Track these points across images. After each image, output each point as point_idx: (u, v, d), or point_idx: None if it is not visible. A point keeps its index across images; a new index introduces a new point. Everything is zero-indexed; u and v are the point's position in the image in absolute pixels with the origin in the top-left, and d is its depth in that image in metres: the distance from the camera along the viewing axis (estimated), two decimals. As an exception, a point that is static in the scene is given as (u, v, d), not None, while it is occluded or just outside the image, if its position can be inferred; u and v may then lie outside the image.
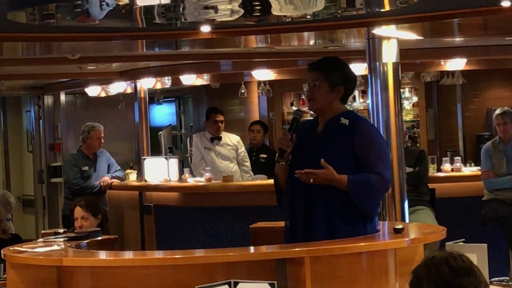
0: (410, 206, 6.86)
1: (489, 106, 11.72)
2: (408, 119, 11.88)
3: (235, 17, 5.78)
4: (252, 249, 4.75)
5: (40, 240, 5.20)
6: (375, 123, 6.61)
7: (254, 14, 5.87)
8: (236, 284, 3.75)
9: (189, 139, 9.53)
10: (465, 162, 9.54)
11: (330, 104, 4.73)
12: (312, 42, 8.18)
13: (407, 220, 6.66)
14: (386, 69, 6.62)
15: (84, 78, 11.03)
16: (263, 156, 9.60)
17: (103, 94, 11.68)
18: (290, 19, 6.19)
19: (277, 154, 4.73)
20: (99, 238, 5.35)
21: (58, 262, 4.49)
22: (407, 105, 12.07)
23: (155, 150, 10.52)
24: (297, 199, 4.70)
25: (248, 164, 9.55)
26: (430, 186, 8.05)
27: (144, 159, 9.67)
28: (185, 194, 9.13)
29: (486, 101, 11.98)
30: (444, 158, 8.98)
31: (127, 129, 11.92)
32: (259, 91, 11.19)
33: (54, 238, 5.17)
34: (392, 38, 6.66)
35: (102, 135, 9.60)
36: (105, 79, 10.98)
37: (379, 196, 4.85)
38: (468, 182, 8.49)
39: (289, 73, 10.35)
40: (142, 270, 4.36)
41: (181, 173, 9.39)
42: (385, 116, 6.59)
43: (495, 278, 7.46)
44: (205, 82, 11.20)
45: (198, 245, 8.64)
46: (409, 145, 8.64)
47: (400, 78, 6.78)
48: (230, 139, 9.53)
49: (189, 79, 10.63)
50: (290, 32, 7.07)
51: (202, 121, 11.29)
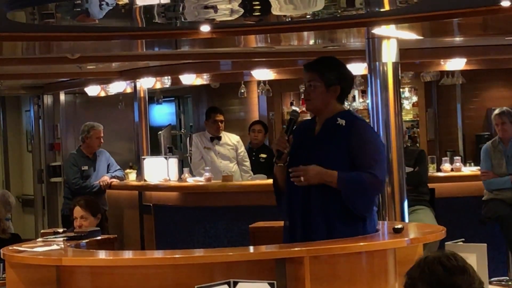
0: (409, 206, 6.86)
1: (489, 106, 11.71)
2: (407, 119, 11.87)
3: (235, 16, 5.78)
4: (251, 248, 4.75)
5: (39, 239, 5.21)
6: (375, 123, 6.61)
7: (254, 14, 5.86)
8: (235, 283, 3.74)
9: (188, 139, 9.53)
10: (464, 162, 9.54)
11: (327, 104, 4.71)
12: (312, 42, 8.18)
13: (407, 220, 6.66)
14: (385, 69, 6.62)
15: (83, 77, 11.01)
16: (263, 156, 9.59)
17: (103, 94, 11.67)
18: (290, 19, 6.19)
19: (275, 155, 4.74)
20: (99, 237, 5.35)
21: (58, 262, 4.49)
22: (407, 105, 12.06)
23: (155, 150, 10.51)
24: (295, 200, 4.70)
25: (247, 164, 9.54)
26: (430, 186, 8.05)
27: (143, 159, 9.66)
28: (184, 194, 9.13)
29: (486, 101, 11.98)
30: (443, 158, 8.98)
31: (127, 128, 11.92)
32: (259, 91, 11.17)
33: (53, 238, 5.17)
34: (392, 38, 6.66)
35: (102, 135, 9.60)
36: (104, 79, 10.97)
37: (371, 195, 4.69)
38: (467, 182, 8.49)
39: (289, 72, 10.34)
40: (142, 270, 4.35)
41: (180, 173, 9.39)
42: (384, 116, 6.59)
43: (495, 278, 7.44)
44: (204, 82, 11.18)
45: (198, 244, 8.64)
46: (408, 145, 8.64)
47: (399, 78, 6.78)
48: (230, 139, 9.53)
49: (188, 79, 10.62)
50: (290, 31, 7.06)
51: (202, 120, 11.29)
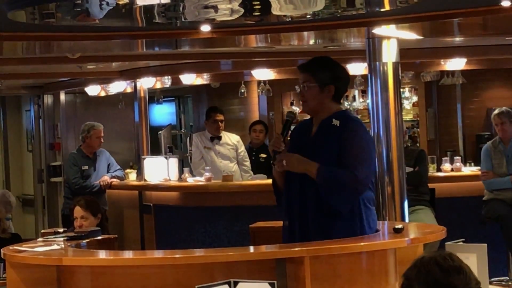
0: (410, 206, 6.86)
1: (489, 105, 11.72)
2: (408, 119, 11.87)
3: (235, 16, 5.77)
4: (252, 248, 4.76)
5: (40, 239, 5.21)
6: (375, 123, 6.61)
7: (254, 14, 5.86)
8: (236, 283, 3.74)
9: (189, 139, 9.52)
10: (465, 162, 9.54)
11: (322, 104, 4.70)
12: (312, 42, 8.18)
13: (407, 220, 6.66)
14: (386, 68, 6.62)
15: (84, 77, 11.02)
16: (263, 155, 9.57)
17: (103, 94, 11.67)
18: (290, 19, 6.18)
19: (271, 156, 4.74)
20: (99, 237, 5.35)
21: (58, 262, 4.49)
22: (407, 104, 12.06)
23: (155, 150, 10.51)
24: (293, 200, 4.71)
25: (248, 163, 9.55)
26: (430, 186, 8.05)
27: (144, 159, 9.66)
28: (185, 194, 9.13)
29: (486, 100, 11.98)
30: (444, 158, 8.98)
31: (127, 128, 11.93)
32: (259, 91, 11.17)
33: (54, 238, 5.17)
34: (392, 37, 6.66)
35: (102, 135, 9.59)
36: (105, 79, 10.97)
37: (347, 193, 4.59)
38: (468, 182, 8.49)
39: (289, 72, 10.33)
40: (142, 270, 4.35)
41: (181, 172, 9.39)
42: (385, 115, 6.59)
43: (495, 278, 7.45)
44: (205, 82, 11.18)
45: (198, 244, 8.64)
46: (409, 144, 8.63)
47: (400, 77, 6.78)
48: (230, 139, 9.53)
49: (189, 79, 10.62)
50: (290, 31, 7.06)
51: (202, 120, 11.28)
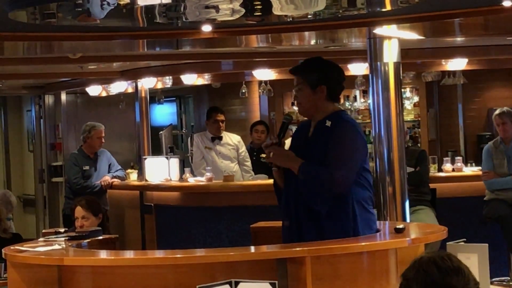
0: (411, 206, 6.86)
1: (490, 106, 11.71)
2: (409, 119, 11.87)
3: (236, 16, 5.77)
4: (253, 248, 4.76)
5: (41, 239, 5.21)
6: (376, 123, 6.61)
7: (255, 14, 5.86)
8: (237, 283, 3.74)
9: (190, 139, 9.54)
10: (466, 162, 9.53)
11: (316, 105, 4.70)
12: (313, 42, 8.17)
13: (408, 220, 6.66)
14: (387, 69, 6.62)
15: (85, 77, 11.01)
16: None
17: (104, 94, 11.67)
18: (291, 19, 6.18)
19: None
20: (100, 237, 5.36)
21: (59, 262, 4.49)
22: (408, 105, 12.06)
23: (156, 150, 10.51)
24: (290, 201, 4.72)
25: (249, 163, 9.54)
26: (431, 186, 8.05)
27: (145, 159, 9.66)
28: (185, 194, 9.13)
29: (487, 101, 11.98)
30: (445, 158, 8.97)
31: (128, 128, 11.93)
32: (260, 91, 11.17)
33: (55, 238, 5.17)
34: (393, 37, 6.66)
35: (103, 135, 9.60)
36: (106, 79, 10.97)
37: (323, 191, 4.57)
38: (469, 182, 8.48)
39: (290, 73, 10.31)
40: (143, 270, 4.35)
41: (182, 172, 9.39)
42: (386, 116, 6.59)
43: (496, 278, 7.45)
44: (206, 82, 11.18)
45: (199, 244, 8.64)
46: (410, 145, 8.62)
47: (401, 78, 6.78)
48: (231, 139, 9.52)
49: (190, 79, 10.62)
50: (291, 31, 7.05)
51: (203, 120, 11.28)
